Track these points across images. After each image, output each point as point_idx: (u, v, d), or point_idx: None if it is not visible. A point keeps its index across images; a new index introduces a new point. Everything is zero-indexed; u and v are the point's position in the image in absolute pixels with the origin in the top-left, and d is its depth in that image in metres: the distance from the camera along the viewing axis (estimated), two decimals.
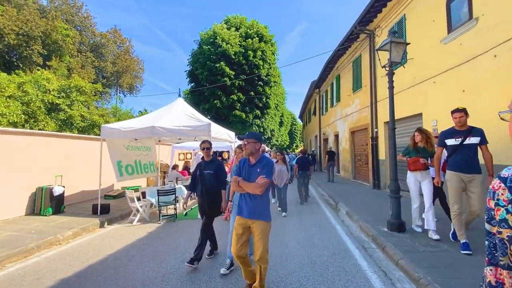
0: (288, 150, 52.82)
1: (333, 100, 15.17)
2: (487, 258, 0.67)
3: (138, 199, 6.05)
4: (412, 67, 7.39)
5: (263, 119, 24.49)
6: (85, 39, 19.61)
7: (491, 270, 0.64)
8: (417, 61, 7.25)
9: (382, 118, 9.20)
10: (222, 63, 20.44)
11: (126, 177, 6.75)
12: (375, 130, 9.55)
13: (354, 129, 11.86)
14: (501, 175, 0.69)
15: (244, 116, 21.91)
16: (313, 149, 26.37)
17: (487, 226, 0.69)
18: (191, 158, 14.74)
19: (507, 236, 0.61)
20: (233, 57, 21.06)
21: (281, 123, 40.36)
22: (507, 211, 0.62)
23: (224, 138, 8.14)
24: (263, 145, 3.39)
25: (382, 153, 9.19)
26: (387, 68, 4.68)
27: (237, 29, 23.31)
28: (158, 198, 5.76)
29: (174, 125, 6.44)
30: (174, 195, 5.92)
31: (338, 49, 12.06)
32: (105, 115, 15.23)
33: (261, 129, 24.88)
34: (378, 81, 9.43)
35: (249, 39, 22.04)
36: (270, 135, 29.21)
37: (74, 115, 13.16)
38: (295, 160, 9.45)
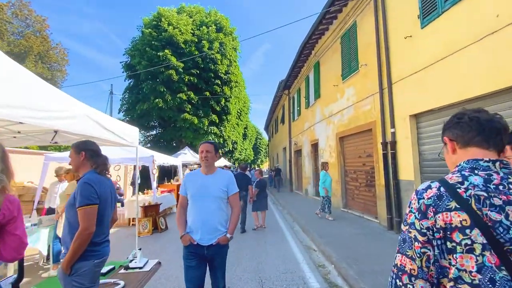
0: (258, 166, 48.88)
1: (309, 99, 11.43)
2: (398, 247, 0.83)
3: None
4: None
5: (221, 127, 20.00)
6: None
7: (399, 256, 0.81)
8: None
9: (404, 108, 5.42)
10: (166, 51, 15.79)
11: None
12: (391, 130, 5.73)
13: (345, 133, 8.03)
14: (416, 189, 0.85)
15: (196, 121, 17.20)
16: (276, 164, 22.55)
17: (402, 225, 0.85)
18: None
19: (414, 235, 0.78)
20: (183, 46, 16.59)
21: (245, 136, 36.31)
22: (415, 217, 0.80)
23: (100, 137, 3.56)
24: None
25: (407, 169, 5.31)
26: None
27: (190, 17, 19.06)
28: None
29: None
30: None
31: (320, 19, 8.39)
32: None
33: (220, 140, 20.29)
34: (394, 48, 5.73)
35: (204, 27, 17.87)
36: (231, 148, 24.75)
37: None
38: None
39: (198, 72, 17.10)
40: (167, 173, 15.03)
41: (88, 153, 1.91)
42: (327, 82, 9.35)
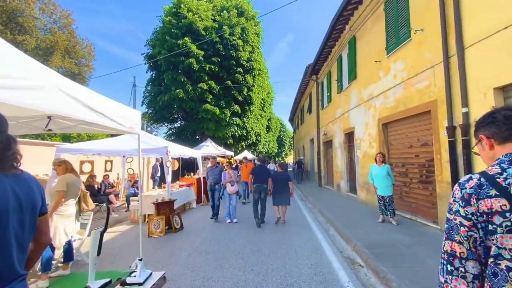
0: (279, 159, 47.69)
1: (343, 82, 10.05)
2: (445, 235, 0.91)
3: None
4: None
5: (244, 118, 19.13)
6: None
7: (448, 243, 0.89)
8: None
9: (484, 80, 4.01)
10: (186, 38, 15.11)
11: None
12: (463, 110, 4.34)
13: (390, 119, 6.67)
14: (459, 181, 0.93)
15: (218, 112, 16.50)
16: (301, 157, 21.40)
17: (447, 215, 0.93)
18: (110, 170, 9.03)
19: (459, 221, 0.86)
20: (203, 32, 15.81)
21: (268, 128, 35.17)
22: (459, 205, 0.87)
23: (84, 119, 2.78)
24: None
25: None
26: None
27: (210, 2, 18.18)
28: None
29: None
30: None
31: None
32: None
33: (243, 131, 19.48)
34: (468, 0, 4.29)
35: (225, 12, 16.91)
36: (254, 140, 23.85)
37: None
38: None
39: (219, 60, 16.28)
40: (189, 166, 14.54)
41: None
42: (366, 59, 7.93)
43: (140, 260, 3.30)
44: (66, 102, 2.50)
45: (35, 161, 6.50)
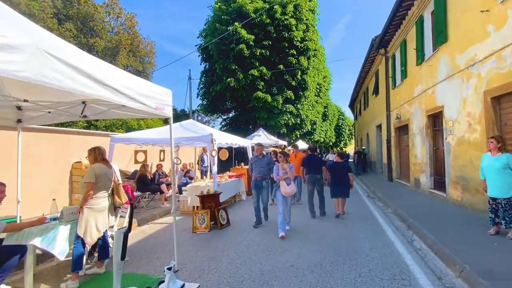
0: (337, 149, 44.41)
1: (425, 49, 7.93)
2: None
3: None
4: None
5: (298, 105, 17.79)
6: (69, 8, 15.65)
7: None
8: None
9: None
10: (236, 23, 14.49)
11: None
12: None
13: (506, 89, 4.69)
14: None
15: (270, 99, 15.60)
16: (362, 147, 19.03)
17: None
18: (162, 160, 9.07)
19: None
20: (253, 15, 14.94)
21: (325, 116, 32.64)
22: None
23: (90, 94, 2.20)
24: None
25: None
26: None
27: None
28: None
29: None
30: None
31: None
32: None
33: (297, 120, 18.20)
34: None
35: None
36: (310, 129, 22.25)
37: None
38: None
39: (270, 43, 15.25)
40: (243, 156, 14.17)
41: None
42: (463, 12, 5.87)
43: (169, 269, 2.71)
44: (60, 72, 1.91)
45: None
